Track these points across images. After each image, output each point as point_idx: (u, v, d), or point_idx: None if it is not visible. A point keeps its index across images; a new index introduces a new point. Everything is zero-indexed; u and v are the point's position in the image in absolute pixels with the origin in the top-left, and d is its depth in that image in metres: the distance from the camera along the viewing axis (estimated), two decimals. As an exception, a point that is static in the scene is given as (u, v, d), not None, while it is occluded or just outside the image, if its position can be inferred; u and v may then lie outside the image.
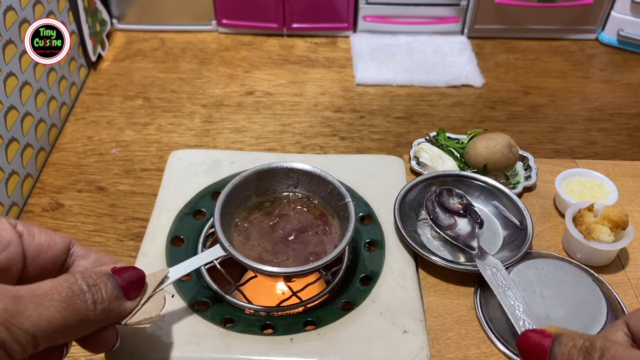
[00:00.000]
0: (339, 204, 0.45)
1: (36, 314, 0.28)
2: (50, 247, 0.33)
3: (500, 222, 0.50)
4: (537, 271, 0.45)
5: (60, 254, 0.34)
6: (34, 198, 0.64)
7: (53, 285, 0.30)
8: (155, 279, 0.36)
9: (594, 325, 0.41)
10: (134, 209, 0.62)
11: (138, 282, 0.35)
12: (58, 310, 0.29)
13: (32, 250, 0.33)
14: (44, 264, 0.33)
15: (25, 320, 0.28)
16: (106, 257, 0.36)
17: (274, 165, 0.48)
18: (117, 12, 0.89)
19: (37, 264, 0.33)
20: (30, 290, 0.29)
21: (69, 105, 0.75)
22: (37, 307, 0.28)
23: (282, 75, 0.82)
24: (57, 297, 0.29)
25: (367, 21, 0.88)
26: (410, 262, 0.47)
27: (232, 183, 0.46)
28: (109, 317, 0.33)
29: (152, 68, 0.83)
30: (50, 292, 0.29)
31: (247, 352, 0.41)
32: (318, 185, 0.48)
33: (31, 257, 0.33)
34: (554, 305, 0.42)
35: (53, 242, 0.34)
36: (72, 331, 0.30)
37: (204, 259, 0.41)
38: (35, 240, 0.33)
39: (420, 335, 0.42)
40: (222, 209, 0.44)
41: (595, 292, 0.43)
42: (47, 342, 0.29)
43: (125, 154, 0.69)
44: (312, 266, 0.41)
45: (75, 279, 0.31)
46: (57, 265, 0.34)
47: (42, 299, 0.29)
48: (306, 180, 0.48)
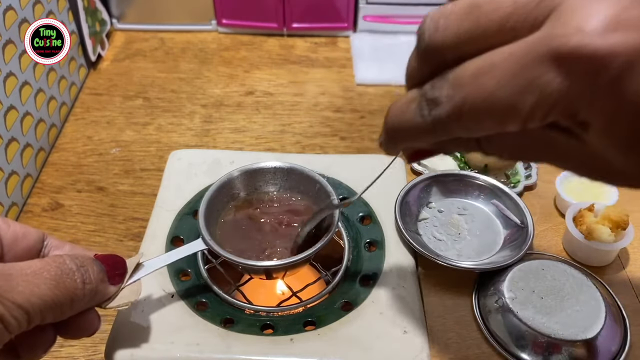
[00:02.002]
0: (326, 202, 0.45)
1: (28, 291, 0.29)
2: (26, 236, 0.35)
3: (501, 221, 0.50)
4: (537, 272, 0.45)
5: (35, 243, 0.35)
6: (34, 198, 0.64)
7: (42, 265, 0.31)
8: (131, 264, 0.38)
9: (593, 327, 0.41)
10: (134, 209, 0.62)
11: (120, 268, 0.36)
12: (49, 288, 0.30)
13: (8, 237, 0.34)
14: (20, 252, 0.34)
15: (18, 295, 0.29)
16: (80, 248, 0.37)
17: (258, 165, 0.48)
18: (117, 12, 0.89)
19: (14, 251, 0.34)
20: (19, 269, 0.30)
21: (68, 105, 0.75)
22: (29, 285, 0.29)
23: (282, 75, 0.82)
24: (47, 276, 0.30)
25: (367, 21, 0.88)
26: (411, 262, 0.47)
27: (219, 182, 0.46)
28: (94, 299, 0.34)
29: (152, 68, 0.83)
30: (40, 271, 0.30)
31: (247, 352, 0.41)
32: (305, 184, 0.48)
33: (8, 244, 0.34)
34: (553, 306, 0.42)
35: (28, 232, 0.35)
36: (62, 309, 0.31)
37: (182, 253, 0.42)
38: (11, 228, 0.34)
39: (420, 336, 0.42)
40: (208, 205, 0.45)
41: (594, 294, 0.43)
42: (39, 318, 0.30)
43: (125, 154, 0.69)
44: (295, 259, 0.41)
45: (64, 259, 0.32)
46: (33, 255, 0.35)
47: (33, 277, 0.30)
48: (293, 178, 0.48)
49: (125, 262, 0.37)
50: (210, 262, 0.48)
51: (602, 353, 0.41)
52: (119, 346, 0.41)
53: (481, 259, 0.47)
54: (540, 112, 0.21)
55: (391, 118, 0.27)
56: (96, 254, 0.36)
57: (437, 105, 0.24)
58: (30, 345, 0.33)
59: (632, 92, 0.19)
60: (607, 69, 0.19)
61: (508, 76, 0.21)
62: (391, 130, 0.27)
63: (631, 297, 0.45)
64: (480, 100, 0.22)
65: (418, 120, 0.25)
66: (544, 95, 0.21)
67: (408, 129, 0.26)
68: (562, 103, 0.21)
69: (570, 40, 0.19)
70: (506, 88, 0.21)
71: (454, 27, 0.23)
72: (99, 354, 0.50)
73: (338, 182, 0.53)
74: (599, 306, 0.42)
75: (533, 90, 0.21)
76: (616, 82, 0.19)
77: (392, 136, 0.28)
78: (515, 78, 0.21)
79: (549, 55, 0.20)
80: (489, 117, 0.22)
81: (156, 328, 0.42)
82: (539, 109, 0.21)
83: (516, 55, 0.21)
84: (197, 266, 0.47)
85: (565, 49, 0.20)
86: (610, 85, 0.19)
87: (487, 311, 0.44)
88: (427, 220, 0.51)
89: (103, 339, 0.42)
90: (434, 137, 0.25)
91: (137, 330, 0.42)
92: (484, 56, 0.22)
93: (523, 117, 0.21)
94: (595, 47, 0.19)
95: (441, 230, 0.50)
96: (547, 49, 0.20)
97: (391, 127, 0.27)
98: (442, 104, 0.23)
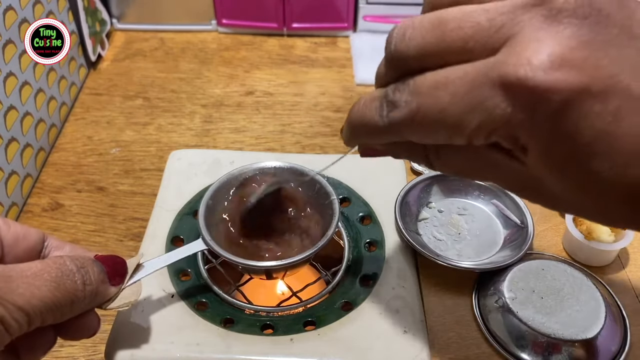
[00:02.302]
0: (326, 202, 0.45)
1: (28, 293, 0.29)
2: (26, 237, 0.34)
3: (500, 221, 0.50)
4: (537, 272, 0.45)
5: (35, 244, 0.35)
6: (34, 198, 0.64)
7: (42, 267, 0.31)
8: (131, 265, 0.38)
9: (592, 327, 0.41)
10: (134, 209, 0.62)
11: (121, 268, 0.36)
12: (49, 290, 0.30)
13: (9, 238, 0.34)
14: (21, 253, 0.34)
15: (18, 297, 0.29)
16: (80, 248, 0.37)
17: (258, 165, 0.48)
18: (116, 12, 0.89)
19: (14, 252, 0.34)
20: (19, 271, 0.30)
21: (68, 105, 0.75)
22: (29, 287, 0.29)
23: (282, 75, 0.82)
24: (47, 277, 0.30)
25: (367, 21, 0.88)
26: (411, 262, 0.47)
27: (218, 182, 0.46)
28: (95, 300, 0.34)
29: (152, 68, 0.83)
30: (40, 272, 0.30)
31: (247, 352, 0.41)
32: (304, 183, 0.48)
33: (9, 245, 0.34)
34: (553, 306, 0.42)
35: (28, 233, 0.35)
36: (63, 311, 0.31)
37: (183, 253, 0.42)
38: (11, 229, 0.34)
39: (420, 335, 0.42)
40: (207, 205, 0.45)
41: (594, 294, 0.43)
42: (39, 320, 0.30)
43: (125, 154, 0.69)
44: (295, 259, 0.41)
45: (64, 260, 0.32)
46: (33, 256, 0.35)
47: (33, 279, 0.30)
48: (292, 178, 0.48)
49: (125, 262, 0.37)
50: (210, 262, 0.48)
51: (602, 353, 0.41)
52: (119, 346, 0.41)
53: (481, 259, 0.47)
54: (484, 132, 0.23)
55: (354, 112, 0.29)
56: (96, 255, 0.36)
57: (395, 107, 0.25)
58: (30, 347, 0.33)
59: (567, 125, 0.21)
60: (547, 103, 0.21)
61: (460, 94, 0.23)
62: (352, 124, 0.29)
63: (631, 297, 0.45)
64: (434, 111, 0.24)
65: (376, 119, 0.26)
66: (490, 117, 0.22)
67: (366, 125, 0.27)
68: (505, 126, 0.22)
69: (518, 71, 0.21)
70: (457, 104, 0.23)
71: (418, 39, 0.24)
72: (99, 354, 0.50)
73: (338, 182, 0.53)
74: (599, 306, 0.42)
75: (480, 111, 0.22)
76: (554, 116, 0.21)
77: (352, 129, 0.29)
78: (466, 96, 0.23)
79: (498, 81, 0.21)
80: (439, 127, 0.24)
81: (156, 328, 0.42)
82: (483, 129, 0.23)
83: (470, 75, 0.22)
84: (197, 266, 0.47)
85: (512, 78, 0.21)
86: (549, 117, 0.21)
87: (487, 311, 0.44)
88: (427, 220, 0.51)
89: (103, 339, 0.42)
90: (387, 137, 0.27)
91: (137, 331, 0.42)
92: (443, 71, 0.24)
93: (468, 134, 0.23)
94: (539, 80, 0.21)
95: (441, 230, 0.50)
96: (497, 75, 0.22)
97: (352, 120, 0.29)
98: (399, 107, 0.25)
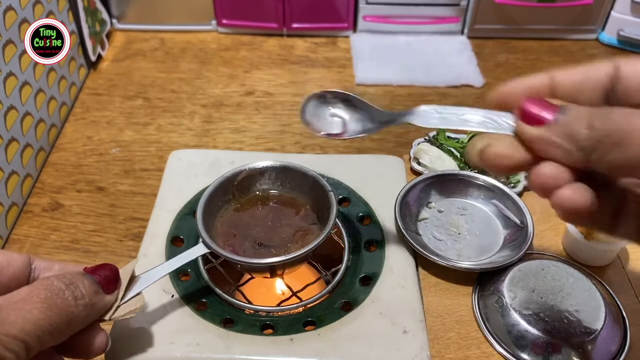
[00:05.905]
0: (323, 196, 0.45)
1: (20, 319, 0.28)
2: (10, 263, 0.34)
3: (500, 221, 0.50)
4: (537, 272, 0.45)
5: (21, 269, 0.34)
6: (34, 198, 0.64)
7: (30, 290, 0.30)
8: (127, 272, 0.37)
9: (592, 327, 0.41)
10: (134, 209, 0.62)
11: (113, 275, 0.36)
12: (41, 311, 0.29)
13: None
14: (7, 281, 0.33)
15: (10, 327, 0.28)
16: (70, 265, 0.36)
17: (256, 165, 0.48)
18: (116, 12, 0.89)
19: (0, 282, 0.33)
20: (7, 299, 0.29)
21: (68, 105, 0.75)
22: (20, 313, 0.29)
23: (282, 75, 0.82)
24: (36, 300, 0.30)
25: (367, 21, 0.88)
26: (411, 262, 0.47)
27: (216, 182, 0.46)
28: (92, 312, 0.33)
29: (152, 68, 0.83)
30: (29, 296, 0.30)
31: (247, 353, 0.41)
32: (300, 181, 0.48)
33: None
34: (552, 307, 0.42)
35: (12, 259, 0.34)
36: (60, 330, 0.31)
37: (184, 259, 0.42)
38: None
39: (420, 335, 0.42)
40: (205, 208, 0.45)
41: (594, 294, 0.43)
42: (38, 345, 0.29)
43: (125, 154, 0.69)
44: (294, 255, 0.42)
45: (51, 280, 0.32)
46: (21, 282, 0.34)
47: (22, 304, 0.29)
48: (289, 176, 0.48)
49: (117, 268, 0.37)
50: (210, 262, 0.48)
51: (602, 353, 0.41)
52: (119, 346, 0.41)
53: (481, 259, 0.47)
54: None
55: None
56: (85, 268, 0.35)
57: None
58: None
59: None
60: None
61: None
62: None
63: (631, 297, 0.45)
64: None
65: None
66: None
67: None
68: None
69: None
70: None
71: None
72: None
73: (338, 182, 0.53)
74: (598, 306, 0.42)
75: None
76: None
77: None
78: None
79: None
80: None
81: (156, 328, 0.42)
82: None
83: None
84: (197, 266, 0.47)
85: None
86: None
87: (487, 311, 0.44)
88: (427, 220, 0.51)
89: (103, 339, 0.42)
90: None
91: (137, 331, 0.42)
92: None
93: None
94: None
95: (441, 230, 0.50)
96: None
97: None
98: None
